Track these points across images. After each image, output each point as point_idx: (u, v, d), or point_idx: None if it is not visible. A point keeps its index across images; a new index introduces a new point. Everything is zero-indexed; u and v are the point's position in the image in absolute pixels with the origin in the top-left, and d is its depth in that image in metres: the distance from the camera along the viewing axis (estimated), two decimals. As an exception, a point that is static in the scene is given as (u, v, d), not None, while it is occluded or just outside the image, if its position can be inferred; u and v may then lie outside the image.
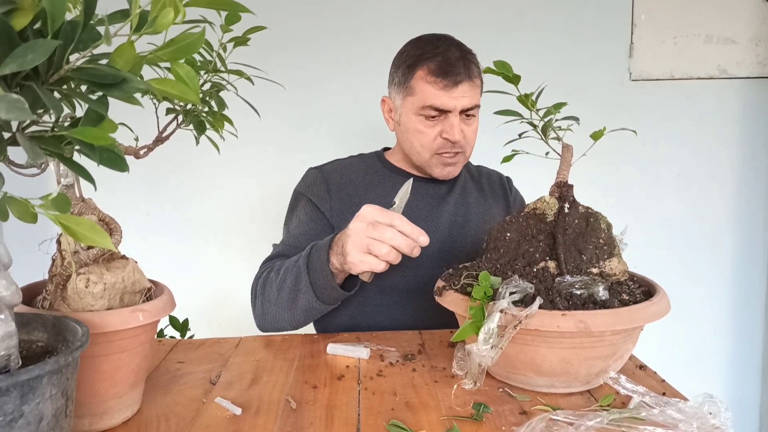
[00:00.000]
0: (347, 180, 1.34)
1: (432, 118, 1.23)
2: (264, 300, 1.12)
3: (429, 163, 1.30)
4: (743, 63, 2.08)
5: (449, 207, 1.35)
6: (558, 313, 0.75)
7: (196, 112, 0.77)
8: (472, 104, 1.23)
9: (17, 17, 0.36)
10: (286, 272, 1.09)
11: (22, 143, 0.39)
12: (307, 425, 0.72)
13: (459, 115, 1.23)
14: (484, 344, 0.75)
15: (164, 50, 0.41)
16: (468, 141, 1.28)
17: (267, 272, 1.16)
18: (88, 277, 0.70)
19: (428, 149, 1.27)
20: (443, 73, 1.20)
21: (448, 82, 1.19)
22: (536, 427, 0.68)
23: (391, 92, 1.33)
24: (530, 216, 0.88)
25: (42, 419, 0.51)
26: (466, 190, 1.41)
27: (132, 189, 2.05)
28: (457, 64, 1.20)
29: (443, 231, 1.32)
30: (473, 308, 0.79)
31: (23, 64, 0.33)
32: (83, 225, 0.44)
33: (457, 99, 1.20)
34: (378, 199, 1.30)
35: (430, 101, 1.21)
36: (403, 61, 1.26)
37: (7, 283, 0.53)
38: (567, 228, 0.85)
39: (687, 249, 2.15)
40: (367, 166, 1.39)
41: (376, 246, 0.95)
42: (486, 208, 1.40)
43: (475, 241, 1.34)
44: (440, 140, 1.25)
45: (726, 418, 0.68)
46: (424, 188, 1.35)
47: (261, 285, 1.15)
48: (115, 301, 0.72)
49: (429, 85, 1.21)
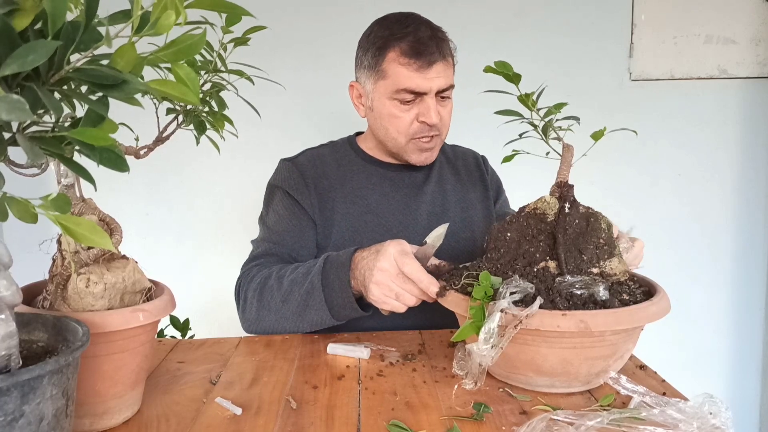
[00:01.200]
0: (321, 173, 1.29)
1: (407, 102, 1.18)
2: (261, 307, 1.07)
3: (405, 149, 1.24)
4: (743, 63, 2.08)
5: (427, 197, 1.31)
6: (558, 313, 0.75)
7: (196, 113, 0.77)
8: (447, 84, 1.18)
9: (18, 18, 0.36)
10: (292, 284, 1.04)
11: (22, 144, 0.39)
12: (307, 425, 0.73)
13: (434, 97, 1.18)
14: (485, 344, 0.75)
15: (165, 51, 0.41)
16: (444, 123, 1.23)
17: (263, 278, 1.10)
18: (89, 277, 0.70)
19: (404, 134, 1.21)
20: (416, 54, 1.14)
21: (422, 63, 1.14)
22: (536, 427, 0.68)
23: (359, 77, 1.26)
24: (531, 216, 0.88)
25: (42, 419, 0.51)
26: (442, 177, 1.36)
27: (132, 189, 2.05)
28: (429, 43, 1.15)
29: (422, 223, 1.28)
30: (474, 308, 0.79)
31: (24, 65, 0.33)
32: (83, 225, 0.44)
33: (432, 80, 1.15)
34: (354, 192, 1.27)
35: (404, 84, 1.15)
36: (372, 42, 1.20)
37: (7, 283, 0.54)
38: (567, 228, 0.85)
39: (687, 249, 2.15)
40: (339, 156, 1.33)
41: (404, 297, 0.95)
42: (463, 194, 1.36)
43: (454, 232, 1.29)
44: (417, 124, 1.20)
45: (726, 418, 0.68)
46: (399, 177, 1.31)
47: (257, 290, 1.08)
48: (116, 301, 0.72)
49: (402, 67, 1.15)
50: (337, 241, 1.24)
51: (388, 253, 0.95)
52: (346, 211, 1.26)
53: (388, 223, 1.26)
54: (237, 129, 0.83)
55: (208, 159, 1.92)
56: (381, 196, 1.28)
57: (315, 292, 1.01)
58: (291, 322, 1.05)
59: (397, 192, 1.29)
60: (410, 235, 1.25)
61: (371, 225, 1.25)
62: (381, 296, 0.95)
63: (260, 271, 1.13)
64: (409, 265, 0.92)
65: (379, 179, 1.30)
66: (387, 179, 1.31)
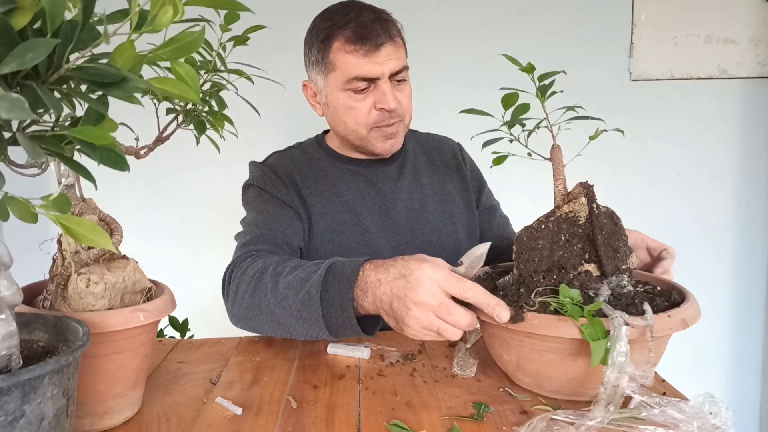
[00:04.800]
0: (294, 171, 1.24)
1: (361, 91, 1.13)
2: (252, 304, 0.95)
3: (368, 140, 1.18)
4: (743, 63, 2.08)
5: (403, 193, 1.26)
6: (664, 316, 0.73)
7: (196, 112, 0.77)
8: (399, 66, 1.13)
9: (17, 16, 0.36)
10: (288, 288, 0.89)
11: (22, 143, 0.39)
12: (307, 425, 0.72)
13: (389, 81, 1.13)
14: (628, 365, 0.68)
15: (164, 49, 0.41)
16: (404, 108, 1.17)
17: (257, 271, 0.96)
18: (89, 277, 0.70)
19: (364, 125, 1.16)
20: (361, 39, 1.09)
21: (369, 48, 1.09)
22: (537, 426, 0.68)
23: (310, 74, 1.21)
24: (563, 220, 0.84)
25: (43, 419, 0.51)
26: (417, 169, 1.31)
27: (132, 189, 2.05)
28: (373, 26, 1.10)
29: (401, 221, 1.23)
30: (588, 327, 0.70)
31: (23, 63, 0.33)
32: (84, 225, 0.44)
33: (382, 63, 1.10)
34: (329, 190, 1.22)
35: (354, 72, 1.10)
36: (316, 36, 1.16)
37: (8, 283, 0.54)
38: (603, 228, 0.83)
39: (687, 249, 2.14)
40: (309, 156, 1.28)
41: (447, 333, 0.76)
42: (441, 187, 1.31)
43: (435, 227, 1.26)
44: (375, 112, 1.14)
45: (727, 418, 0.68)
46: (372, 173, 1.26)
47: (250, 284, 0.95)
48: (116, 301, 0.72)
49: (349, 55, 1.10)
50: (316, 242, 1.20)
51: (426, 279, 0.76)
52: (323, 210, 1.21)
53: (366, 222, 1.22)
54: (237, 129, 0.83)
55: (208, 159, 1.92)
56: (356, 194, 1.24)
57: (312, 304, 0.85)
58: (283, 329, 0.93)
59: (371, 189, 1.24)
60: (389, 234, 1.22)
61: (349, 224, 1.21)
62: (420, 333, 0.78)
63: (254, 262, 1.00)
64: (470, 290, 0.74)
65: (352, 176, 1.25)
66: (360, 176, 1.26)
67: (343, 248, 1.20)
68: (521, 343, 0.77)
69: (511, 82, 0.87)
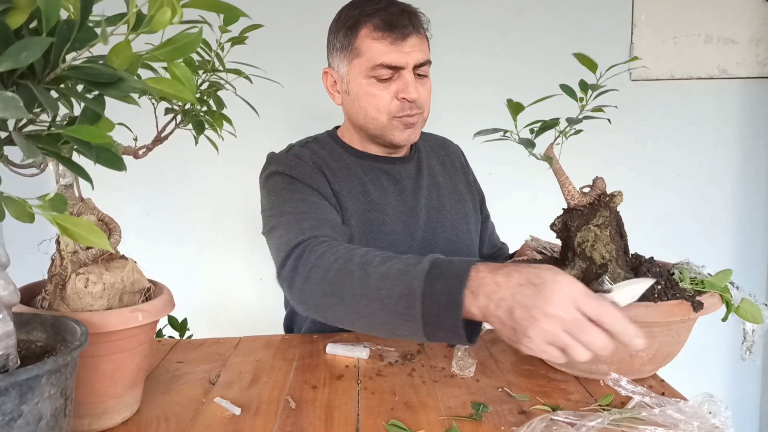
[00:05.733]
0: (322, 164, 1.19)
1: (384, 79, 1.12)
2: (332, 293, 0.84)
3: (387, 128, 1.16)
4: (743, 63, 2.07)
5: (423, 191, 1.25)
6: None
7: (194, 112, 0.77)
8: (424, 59, 1.13)
9: (13, 16, 0.36)
10: (382, 279, 0.78)
11: (18, 142, 0.39)
12: (306, 425, 0.72)
13: (412, 72, 1.13)
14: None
15: (161, 50, 0.41)
16: (424, 101, 1.17)
17: (340, 257, 0.86)
18: (87, 277, 0.70)
19: (385, 112, 1.14)
20: (390, 27, 1.09)
21: (396, 36, 1.09)
22: (536, 427, 0.68)
23: (332, 61, 1.20)
24: (617, 216, 0.91)
25: (41, 419, 0.51)
26: (432, 168, 1.31)
27: (132, 189, 2.05)
28: (401, 16, 1.10)
29: (422, 218, 1.23)
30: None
31: (17, 62, 0.33)
32: (81, 226, 0.44)
33: (408, 54, 1.11)
34: (357, 187, 1.18)
35: (380, 59, 1.10)
36: (343, 23, 1.15)
37: (5, 283, 0.54)
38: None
39: (687, 249, 2.14)
40: (329, 150, 1.24)
41: (575, 351, 0.67)
42: (453, 186, 1.31)
43: (453, 225, 1.26)
44: (396, 102, 1.13)
45: (726, 418, 0.68)
46: (395, 170, 1.24)
47: (330, 270, 0.85)
48: (115, 301, 0.72)
49: (376, 42, 1.10)
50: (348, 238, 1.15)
51: (563, 292, 0.68)
52: (353, 208, 1.17)
53: (392, 221, 1.19)
54: (236, 129, 0.83)
55: (207, 159, 1.92)
56: (382, 192, 1.21)
57: (412, 299, 0.75)
58: (365, 323, 0.82)
59: (395, 186, 1.23)
60: (413, 233, 1.21)
61: (376, 224, 1.18)
62: (541, 347, 0.68)
63: (331, 248, 0.89)
64: (609, 315, 0.66)
65: (376, 173, 1.23)
66: (383, 173, 1.23)
67: (370, 246, 1.10)
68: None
69: (511, 82, 0.87)
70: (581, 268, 0.89)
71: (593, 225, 0.88)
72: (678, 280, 0.84)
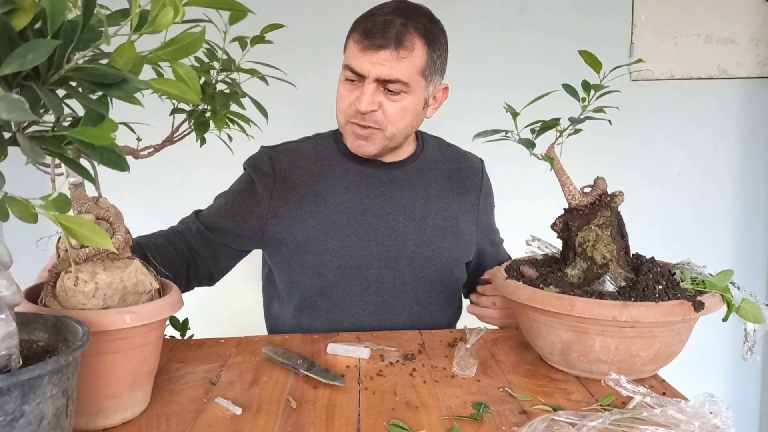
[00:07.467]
0: (295, 166, 1.25)
1: (350, 81, 1.14)
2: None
3: (344, 130, 1.20)
4: (743, 63, 2.08)
5: (405, 200, 1.24)
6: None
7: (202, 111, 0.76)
8: (390, 76, 1.09)
9: (18, 17, 0.36)
10: None
11: (22, 143, 0.39)
12: (307, 425, 0.72)
13: (377, 86, 1.11)
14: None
15: (164, 50, 0.41)
16: (388, 118, 1.14)
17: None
18: (77, 276, 0.69)
19: (343, 114, 1.17)
20: (368, 35, 1.09)
21: (368, 45, 1.09)
22: (537, 427, 0.68)
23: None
24: (618, 216, 0.91)
25: (43, 419, 0.51)
26: (429, 179, 1.28)
27: (133, 190, 2.05)
28: (388, 29, 1.08)
29: (396, 226, 1.22)
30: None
31: (23, 64, 0.33)
32: (84, 226, 0.44)
33: (373, 65, 1.09)
34: (327, 189, 1.22)
35: (348, 60, 1.14)
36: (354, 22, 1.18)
37: (7, 283, 0.53)
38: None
39: (687, 249, 2.14)
40: (319, 150, 1.28)
41: None
42: (446, 203, 1.27)
43: (431, 240, 1.23)
44: (353, 108, 1.14)
45: (727, 417, 0.68)
46: (376, 175, 1.24)
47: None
48: (113, 301, 0.71)
49: (354, 44, 1.12)
50: (299, 238, 1.20)
51: None
52: (315, 208, 1.21)
53: (356, 224, 1.21)
54: (236, 132, 0.83)
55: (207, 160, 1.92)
56: (355, 194, 1.23)
57: None
58: None
59: (372, 191, 1.23)
60: (379, 239, 1.21)
61: (339, 225, 1.21)
62: None
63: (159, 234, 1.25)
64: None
65: (355, 176, 1.24)
66: (363, 176, 1.24)
67: (327, 246, 1.20)
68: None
69: (510, 82, 0.87)
70: (582, 267, 0.89)
71: (594, 225, 0.88)
72: (679, 280, 0.85)
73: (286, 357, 0.91)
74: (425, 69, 1.14)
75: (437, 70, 1.18)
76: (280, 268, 1.25)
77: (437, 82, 1.20)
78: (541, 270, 0.95)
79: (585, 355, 0.83)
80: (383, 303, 1.22)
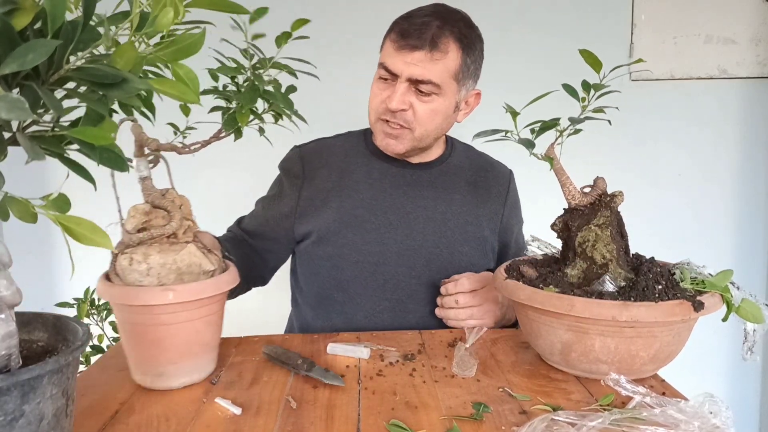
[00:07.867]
0: (324, 163, 1.28)
1: (384, 80, 1.16)
2: None
3: (374, 128, 1.23)
4: (743, 63, 2.08)
5: (427, 201, 1.26)
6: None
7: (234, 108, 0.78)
8: (423, 77, 1.11)
9: (18, 17, 0.36)
10: None
11: (22, 143, 0.39)
12: (307, 425, 0.72)
13: (409, 85, 1.13)
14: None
15: (165, 51, 0.41)
16: (418, 119, 1.16)
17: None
18: (132, 257, 0.78)
19: (374, 111, 1.20)
20: (404, 35, 1.12)
21: (403, 45, 1.11)
22: (537, 427, 0.68)
23: None
24: (618, 216, 0.91)
25: (42, 419, 0.51)
26: (454, 184, 1.29)
27: (132, 189, 2.05)
28: (424, 31, 1.11)
29: (415, 226, 1.24)
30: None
31: (24, 64, 0.33)
32: (83, 226, 0.45)
33: (406, 64, 1.11)
34: (351, 186, 1.25)
35: (383, 59, 1.16)
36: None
37: (7, 282, 0.53)
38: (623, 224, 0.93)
39: (687, 249, 2.14)
40: (349, 146, 1.32)
41: None
42: (470, 208, 1.28)
43: (450, 244, 1.25)
44: (384, 106, 1.16)
45: (727, 417, 0.68)
46: (401, 174, 1.27)
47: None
48: (169, 280, 0.79)
49: (390, 43, 1.15)
50: (321, 230, 1.24)
51: None
52: (339, 204, 1.25)
53: (377, 220, 1.24)
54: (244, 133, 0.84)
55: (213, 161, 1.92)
56: (378, 191, 1.26)
57: None
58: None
59: (395, 190, 1.26)
60: (398, 237, 1.23)
61: (359, 220, 1.23)
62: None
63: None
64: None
65: (380, 174, 1.27)
66: (388, 175, 1.27)
67: (347, 240, 1.23)
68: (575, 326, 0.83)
69: (510, 82, 0.87)
70: (582, 267, 0.89)
71: (594, 225, 0.88)
72: (679, 280, 0.85)
73: (285, 357, 0.91)
74: (458, 73, 1.15)
75: (470, 75, 1.19)
76: (301, 259, 1.30)
77: (470, 87, 1.22)
78: (541, 270, 0.95)
79: (585, 355, 0.83)
80: (398, 300, 1.24)
